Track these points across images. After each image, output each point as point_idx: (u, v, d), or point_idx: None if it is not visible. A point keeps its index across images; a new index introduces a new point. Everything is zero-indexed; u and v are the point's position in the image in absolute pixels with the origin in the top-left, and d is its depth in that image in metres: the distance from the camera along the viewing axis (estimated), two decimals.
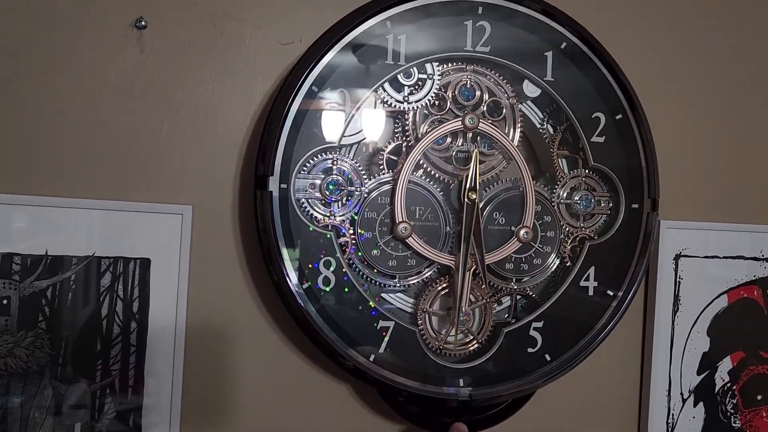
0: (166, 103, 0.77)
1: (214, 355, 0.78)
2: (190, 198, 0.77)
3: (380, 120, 0.78)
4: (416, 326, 0.78)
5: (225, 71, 0.79)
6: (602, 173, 0.84)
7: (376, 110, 0.78)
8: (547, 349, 0.81)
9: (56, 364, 0.74)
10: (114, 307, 0.75)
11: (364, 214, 0.77)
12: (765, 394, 0.96)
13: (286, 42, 0.80)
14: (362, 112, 0.77)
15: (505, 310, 0.83)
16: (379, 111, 0.78)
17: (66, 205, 0.74)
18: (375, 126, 0.78)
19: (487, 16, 0.78)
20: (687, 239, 0.93)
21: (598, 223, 0.85)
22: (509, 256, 0.81)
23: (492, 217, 0.81)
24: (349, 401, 0.82)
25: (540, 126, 0.85)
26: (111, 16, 0.76)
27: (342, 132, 0.75)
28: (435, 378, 0.77)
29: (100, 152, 0.75)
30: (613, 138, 0.83)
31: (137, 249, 0.76)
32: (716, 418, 0.94)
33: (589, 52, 0.82)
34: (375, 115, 0.78)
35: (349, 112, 0.75)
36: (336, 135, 0.75)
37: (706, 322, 0.94)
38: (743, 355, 0.95)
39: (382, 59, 0.76)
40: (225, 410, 0.79)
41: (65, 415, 0.74)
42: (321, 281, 0.74)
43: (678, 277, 0.92)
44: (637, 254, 0.84)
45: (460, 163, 0.80)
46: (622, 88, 0.83)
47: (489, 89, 0.81)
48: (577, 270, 0.82)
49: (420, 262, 0.79)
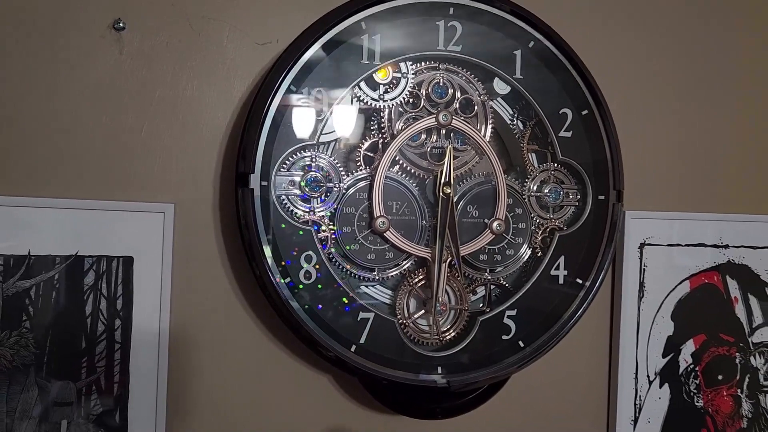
0: (145, 103, 0.79)
1: (197, 349, 0.80)
2: (171, 196, 0.79)
3: (357, 118, 0.81)
4: (395, 317, 0.81)
5: (203, 71, 0.80)
6: (570, 167, 0.87)
7: (353, 108, 0.80)
8: (521, 336, 0.84)
9: (41, 362, 0.75)
10: (98, 305, 0.77)
11: (343, 210, 0.79)
12: (725, 374, 1.01)
13: (263, 42, 0.82)
14: (339, 110, 0.79)
15: (479, 300, 0.86)
16: (356, 109, 0.80)
17: (48, 206, 0.75)
18: (352, 124, 0.81)
19: (458, 17, 0.81)
20: (651, 228, 0.97)
21: (567, 214, 0.88)
22: (483, 247, 0.84)
23: (466, 211, 0.84)
24: (330, 391, 0.85)
25: (510, 122, 0.88)
26: (89, 18, 0.77)
27: (320, 130, 0.78)
28: (414, 366, 0.80)
29: (81, 152, 0.76)
30: (580, 133, 0.87)
31: (120, 247, 0.77)
32: (680, 398, 0.99)
33: (556, 51, 0.85)
34: (351, 113, 0.80)
35: (326, 110, 0.78)
36: (314, 133, 0.77)
37: (670, 307, 0.98)
38: (705, 337, 1.00)
39: (357, 59, 0.78)
40: (209, 403, 0.81)
41: (51, 412, 0.75)
42: (302, 275, 0.76)
43: (643, 264, 0.96)
44: (604, 244, 0.87)
45: (434, 158, 0.83)
46: (587, 85, 0.86)
47: (461, 87, 0.84)
48: (548, 260, 0.86)
49: (398, 255, 0.81)
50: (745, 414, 1.02)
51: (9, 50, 0.74)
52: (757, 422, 1.03)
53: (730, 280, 1.01)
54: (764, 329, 1.03)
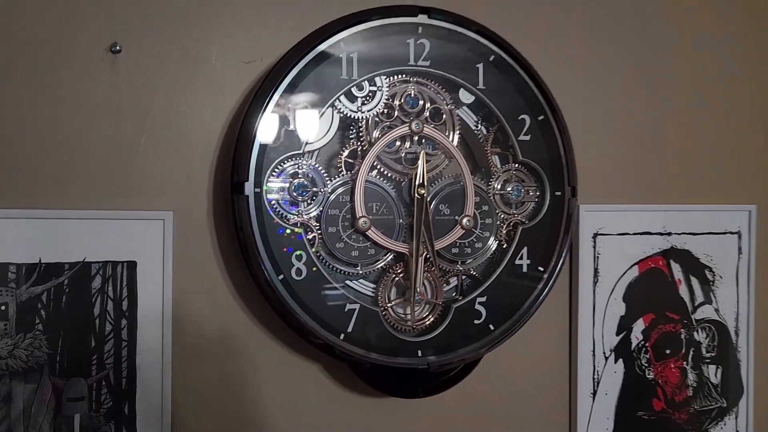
0: (142, 119, 0.85)
1: (198, 344, 0.87)
2: (170, 204, 0.85)
3: (338, 128, 0.88)
4: (378, 307, 0.89)
5: (194, 88, 0.87)
6: (529, 166, 0.96)
7: (334, 120, 0.88)
8: (491, 320, 0.92)
9: (54, 361, 0.81)
10: (105, 306, 0.83)
11: (328, 212, 0.87)
12: (672, 348, 1.10)
13: (249, 60, 0.89)
14: (322, 121, 0.87)
15: (452, 289, 0.95)
16: (337, 120, 0.88)
17: (57, 216, 0.81)
18: (333, 133, 0.88)
19: (426, 35, 0.89)
20: (602, 220, 1.06)
21: (528, 209, 0.97)
22: (454, 241, 0.92)
23: (438, 209, 0.92)
24: (321, 378, 0.92)
25: (475, 128, 0.96)
26: (88, 42, 0.83)
27: (305, 140, 0.85)
28: (397, 350, 0.88)
29: (85, 167, 0.82)
30: (537, 136, 0.95)
31: (124, 253, 0.83)
32: (633, 371, 1.08)
33: (514, 64, 0.93)
34: (333, 124, 0.88)
35: (310, 122, 0.85)
36: (300, 143, 0.85)
37: (622, 290, 1.07)
38: (653, 316, 1.09)
39: (337, 75, 0.86)
40: (211, 393, 0.88)
41: (65, 407, 0.81)
42: (294, 272, 0.84)
43: (596, 252, 1.06)
44: (562, 235, 0.96)
45: (408, 163, 0.91)
46: (542, 93, 0.94)
47: (430, 98, 0.92)
48: (512, 251, 0.94)
49: (379, 251, 0.89)
50: (690, 383, 1.12)
51: (16, 73, 0.80)
52: (701, 390, 1.13)
53: (673, 264, 1.11)
54: (705, 307, 1.13)
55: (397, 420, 0.95)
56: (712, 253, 1.13)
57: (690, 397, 1.12)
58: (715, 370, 1.14)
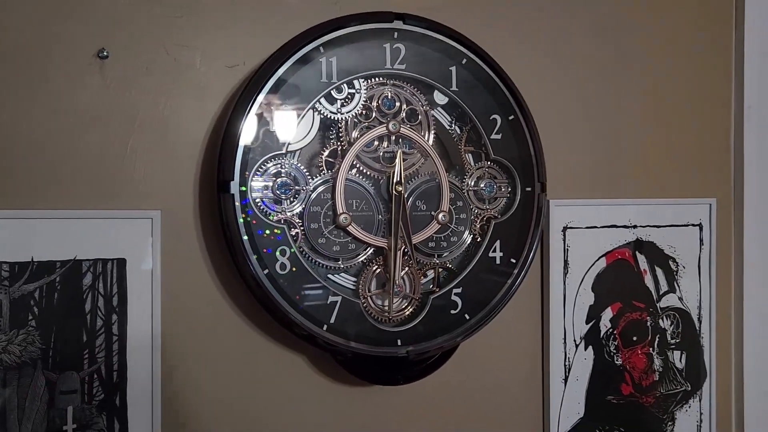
0: (129, 123, 0.88)
1: (186, 337, 0.90)
2: (157, 204, 0.88)
3: (318, 129, 0.92)
4: (359, 299, 0.93)
5: (180, 92, 0.90)
6: (501, 164, 1.00)
7: (315, 121, 0.92)
8: (466, 310, 0.97)
9: (47, 356, 0.84)
10: (96, 303, 0.86)
11: (310, 209, 0.90)
12: (639, 335, 1.15)
13: (232, 65, 0.93)
14: (303, 123, 0.91)
15: (430, 281, 0.99)
16: (317, 121, 0.92)
17: (48, 216, 0.83)
18: (314, 134, 0.92)
19: (401, 40, 0.94)
20: (571, 214, 1.10)
21: (501, 204, 1.01)
22: (431, 236, 0.96)
23: (415, 205, 0.96)
24: (305, 368, 0.96)
25: (449, 128, 1.00)
26: (75, 48, 0.85)
27: (288, 140, 0.89)
28: (377, 340, 0.92)
29: (75, 168, 0.85)
30: (508, 135, 1.00)
31: (114, 250, 0.86)
32: (602, 358, 1.13)
33: (485, 66, 0.97)
34: (314, 125, 0.92)
35: (292, 123, 0.89)
36: (283, 143, 0.89)
37: (590, 281, 1.12)
38: (620, 305, 1.14)
39: (317, 78, 0.90)
40: (199, 384, 0.91)
41: (58, 400, 0.84)
42: (278, 267, 0.88)
43: (566, 245, 1.11)
44: (533, 228, 1.00)
45: (386, 161, 0.95)
46: (512, 94, 0.99)
47: (406, 99, 0.96)
48: (486, 244, 0.98)
49: (359, 246, 0.93)
50: (656, 368, 1.17)
51: (6, 78, 0.82)
52: (667, 375, 1.18)
53: (639, 255, 1.16)
54: (669, 296, 1.18)
55: (379, 406, 1.00)
56: (675, 245, 1.19)
57: (656, 382, 1.17)
58: (679, 356, 1.19)
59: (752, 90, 1.25)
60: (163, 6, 0.89)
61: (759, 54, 1.25)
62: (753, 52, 1.25)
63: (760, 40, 1.25)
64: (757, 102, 1.26)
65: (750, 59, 1.25)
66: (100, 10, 0.86)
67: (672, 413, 1.19)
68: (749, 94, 1.25)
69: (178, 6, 0.90)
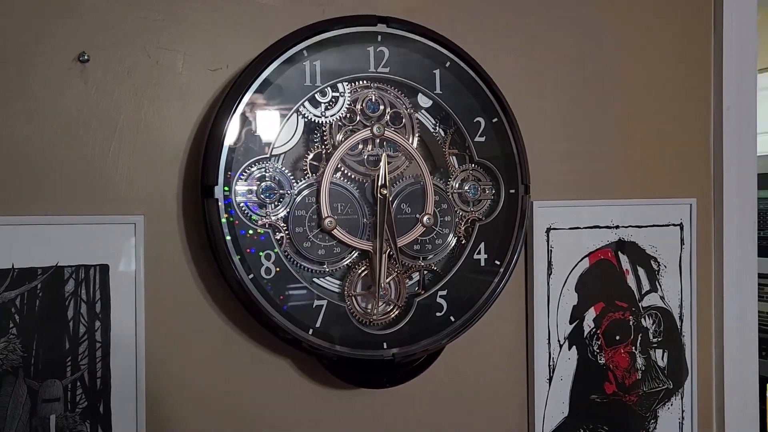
0: (111, 127, 0.87)
1: (171, 343, 0.89)
2: (141, 208, 0.88)
3: (302, 132, 0.92)
4: (345, 303, 0.93)
5: (162, 96, 0.89)
6: (485, 166, 1.01)
7: (299, 124, 0.92)
8: (452, 312, 0.97)
9: (29, 364, 0.83)
10: (79, 309, 0.85)
11: (295, 213, 0.90)
12: (621, 334, 1.17)
13: (215, 68, 0.92)
14: (287, 127, 0.90)
15: (415, 284, 0.99)
16: (301, 125, 0.92)
17: (29, 223, 0.82)
18: (298, 137, 0.92)
19: (385, 43, 0.94)
20: (555, 215, 1.12)
21: (485, 207, 1.02)
22: (416, 239, 0.97)
23: (400, 208, 0.97)
24: (290, 372, 0.96)
25: (433, 130, 1.00)
26: (56, 52, 0.84)
27: (272, 144, 0.89)
28: (363, 344, 0.92)
29: (56, 173, 0.84)
30: (492, 137, 1.00)
31: (96, 256, 0.85)
32: (586, 357, 1.14)
33: (469, 69, 0.98)
34: (298, 129, 0.92)
35: (276, 127, 0.89)
36: (267, 147, 0.88)
37: (574, 281, 1.13)
38: (603, 305, 1.16)
39: (301, 82, 0.90)
40: (184, 390, 0.90)
41: (40, 408, 0.83)
42: (263, 271, 0.87)
43: (549, 246, 1.12)
44: (516, 230, 1.01)
45: (371, 165, 0.95)
46: (495, 97, 0.99)
47: (390, 102, 0.96)
48: (471, 246, 0.99)
49: (344, 250, 0.93)
50: (639, 367, 1.19)
51: None
52: (650, 373, 1.20)
53: (621, 255, 1.18)
54: (651, 295, 1.20)
55: (364, 410, 1.00)
56: (657, 244, 1.21)
57: (639, 380, 1.19)
58: (661, 354, 1.21)
59: (731, 91, 1.27)
60: (144, 9, 0.88)
61: (737, 55, 1.27)
62: (731, 54, 1.27)
63: (739, 41, 1.27)
64: (736, 103, 1.28)
65: (728, 60, 1.27)
66: (80, 14, 0.85)
67: (654, 411, 1.21)
68: (728, 95, 1.27)
69: (159, 9, 0.89)
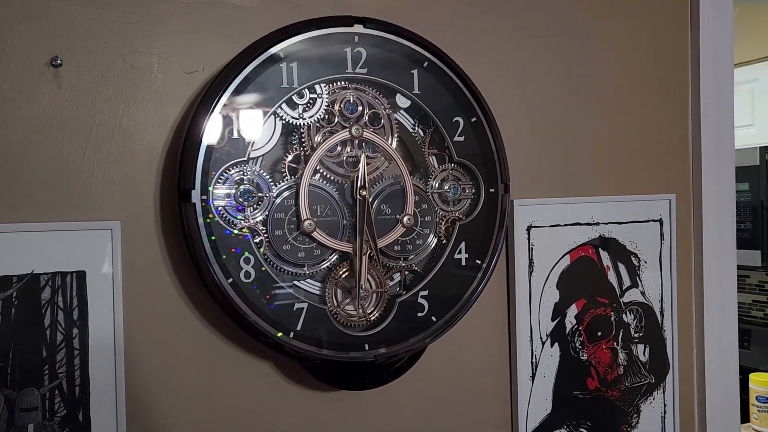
0: (85, 131, 0.86)
1: (150, 349, 0.88)
2: (117, 214, 0.87)
3: (280, 134, 0.91)
4: (326, 305, 0.93)
5: (137, 99, 0.88)
6: (465, 166, 1.01)
7: (277, 126, 0.91)
8: (433, 312, 0.98)
9: (5, 373, 0.81)
10: (56, 317, 0.84)
11: (274, 216, 0.90)
12: (603, 330, 1.18)
13: (191, 71, 0.91)
14: (265, 129, 0.90)
15: (396, 284, 0.99)
16: (279, 127, 0.91)
17: (3, 230, 0.81)
18: (277, 140, 0.91)
19: (362, 44, 0.93)
20: (535, 213, 1.12)
21: (465, 206, 1.02)
22: (396, 239, 0.97)
23: (380, 209, 0.97)
24: (272, 375, 0.95)
25: (412, 131, 1.00)
26: (28, 56, 0.83)
27: (249, 147, 0.88)
28: (345, 345, 0.92)
29: (30, 179, 0.83)
30: (471, 137, 1.01)
31: (73, 263, 0.84)
32: (568, 354, 1.15)
33: (446, 69, 0.98)
34: (276, 131, 0.91)
35: (254, 129, 0.88)
36: (244, 150, 0.88)
37: (555, 278, 1.14)
38: (585, 301, 1.17)
39: (278, 83, 0.89)
40: (164, 396, 0.90)
41: (18, 418, 0.82)
42: (243, 275, 0.87)
43: (530, 244, 1.12)
44: (497, 229, 1.02)
45: (350, 166, 0.95)
46: (474, 96, 1.00)
47: (369, 103, 0.96)
48: (451, 246, 0.99)
49: (324, 252, 0.93)
50: (621, 362, 1.20)
51: None
52: (631, 368, 1.21)
53: (602, 251, 1.19)
54: (632, 291, 1.22)
55: (347, 411, 1.00)
56: (637, 240, 1.22)
57: (621, 375, 1.20)
58: (643, 349, 1.22)
59: (708, 87, 1.29)
60: (118, 12, 0.87)
61: (713, 51, 1.29)
62: (708, 50, 1.28)
63: (715, 37, 1.29)
64: (713, 99, 1.29)
65: (705, 57, 1.28)
66: (52, 17, 0.84)
67: (637, 406, 1.22)
68: (705, 91, 1.28)
69: (133, 12, 0.88)
